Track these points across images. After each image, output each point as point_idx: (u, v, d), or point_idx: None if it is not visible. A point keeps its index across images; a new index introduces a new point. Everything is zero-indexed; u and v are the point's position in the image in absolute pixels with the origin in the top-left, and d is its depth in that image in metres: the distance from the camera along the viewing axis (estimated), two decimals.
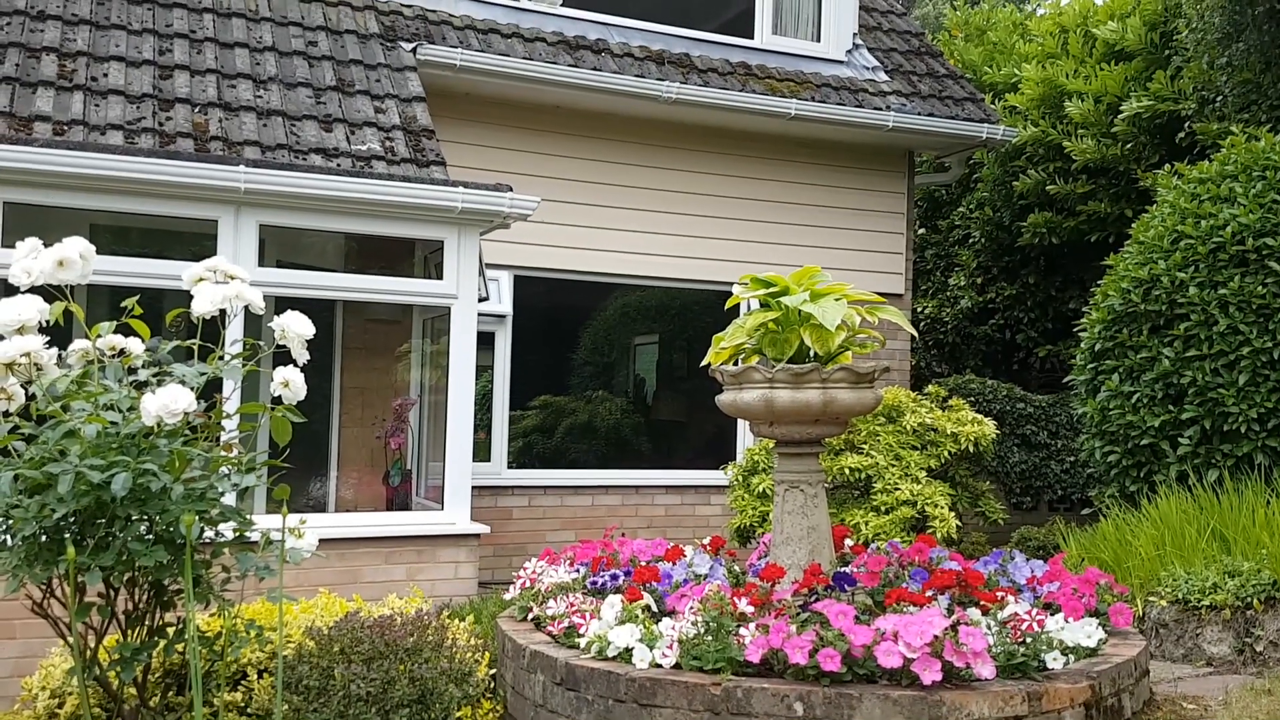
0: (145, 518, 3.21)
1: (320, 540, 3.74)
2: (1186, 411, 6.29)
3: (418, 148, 7.21)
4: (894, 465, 6.53)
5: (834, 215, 9.55)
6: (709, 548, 5.03)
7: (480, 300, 6.84)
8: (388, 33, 8.00)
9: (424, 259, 7.30)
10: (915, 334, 5.56)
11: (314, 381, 3.61)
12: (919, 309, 12.67)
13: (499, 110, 8.37)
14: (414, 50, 7.86)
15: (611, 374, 9.56)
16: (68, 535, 3.14)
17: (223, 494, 3.32)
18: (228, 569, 3.47)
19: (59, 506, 3.01)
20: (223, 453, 3.47)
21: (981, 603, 4.03)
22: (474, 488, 6.98)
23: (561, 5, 8.86)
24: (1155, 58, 10.37)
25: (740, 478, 7.12)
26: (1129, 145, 10.22)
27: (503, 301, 8.39)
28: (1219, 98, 9.25)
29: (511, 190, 6.60)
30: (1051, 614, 4.09)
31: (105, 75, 6.75)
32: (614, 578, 4.56)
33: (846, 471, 6.55)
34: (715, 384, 4.70)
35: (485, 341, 8.15)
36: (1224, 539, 5.50)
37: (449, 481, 6.52)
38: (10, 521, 3.13)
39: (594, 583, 4.59)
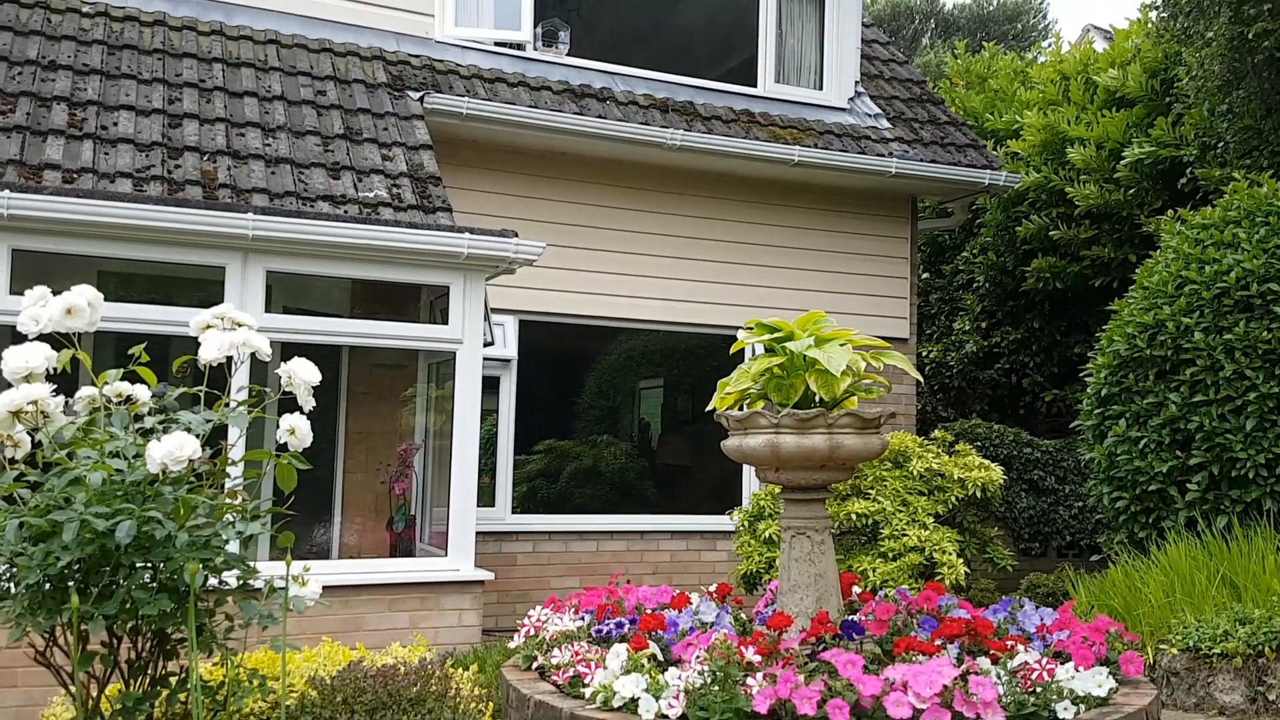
0: (149, 566, 3.19)
1: (324, 587, 3.72)
2: (1194, 457, 6.26)
3: (424, 194, 7.26)
4: (901, 511, 6.50)
5: (838, 260, 9.59)
6: (715, 595, 4.99)
7: (485, 345, 6.85)
8: (395, 82, 8.10)
9: (429, 303, 7.33)
10: (920, 379, 5.55)
11: (318, 426, 3.61)
12: (924, 353, 12.67)
13: (505, 157, 8.45)
14: (421, 99, 7.95)
15: (616, 418, 9.55)
16: (71, 583, 3.12)
17: (227, 542, 3.31)
18: (231, 617, 3.44)
19: (63, 554, 3.00)
20: (227, 500, 3.46)
21: (991, 651, 3.98)
22: (478, 533, 6.95)
23: (567, 55, 8.97)
24: (1156, 104, 10.45)
25: (746, 523, 7.08)
26: (1131, 191, 10.27)
27: (508, 346, 8.41)
28: (1220, 144, 9.31)
29: (517, 236, 6.64)
30: (1061, 663, 4.04)
31: (115, 124, 6.82)
32: (619, 626, 4.52)
33: (853, 517, 6.51)
34: (720, 428, 4.69)
35: (490, 386, 8.15)
36: (1234, 586, 5.45)
37: (453, 528, 6.49)
38: (14, 569, 3.11)
39: (599, 631, 4.55)
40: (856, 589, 5.03)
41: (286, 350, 5.74)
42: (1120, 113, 10.59)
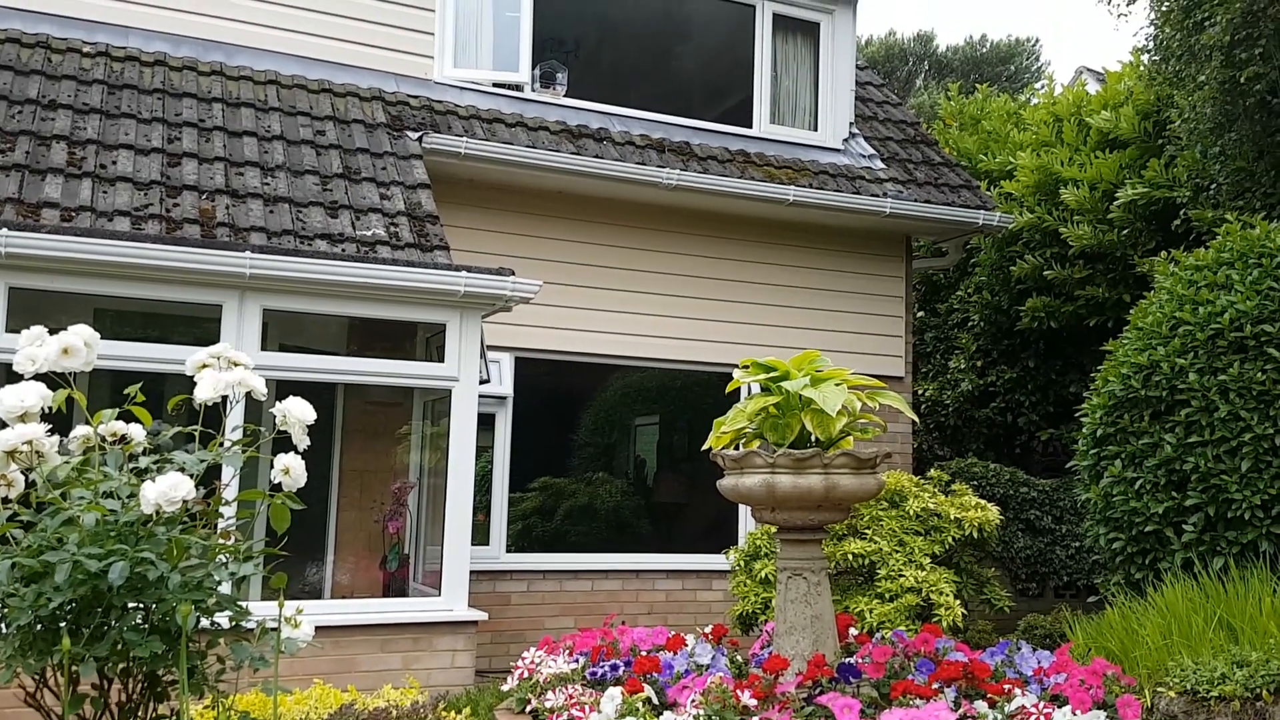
0: (141, 607, 3.17)
1: (316, 628, 3.69)
2: (1190, 498, 6.25)
3: (422, 233, 7.29)
4: (898, 551, 6.47)
5: (834, 298, 9.63)
6: (711, 636, 4.96)
7: (481, 382, 6.85)
8: (394, 122, 8.16)
9: (425, 340, 7.34)
10: (916, 419, 5.56)
11: (312, 464, 3.59)
12: (919, 391, 12.69)
13: (503, 195, 8.50)
14: (420, 139, 8.00)
15: (612, 455, 9.53)
16: (63, 625, 3.10)
17: (220, 583, 3.29)
18: (223, 659, 3.41)
19: (55, 595, 2.98)
20: (221, 540, 3.45)
21: (989, 695, 3.96)
22: (472, 572, 6.92)
23: (565, 95, 9.05)
24: (1149, 146, 10.54)
25: (742, 563, 7.05)
26: (1125, 231, 10.33)
27: (503, 383, 8.41)
28: (1213, 185, 9.38)
29: (514, 274, 6.66)
30: (1059, 706, 4.01)
31: (114, 162, 6.86)
32: (614, 668, 4.48)
33: (850, 557, 6.49)
34: (716, 466, 4.68)
35: (485, 422, 8.14)
36: (1231, 628, 5.42)
37: (447, 567, 6.45)
38: (6, 610, 3.09)
39: (594, 673, 4.51)
40: (853, 630, 5.00)
41: (282, 387, 5.73)
42: (1113, 154, 10.68)
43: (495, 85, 8.86)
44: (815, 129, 9.93)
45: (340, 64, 8.43)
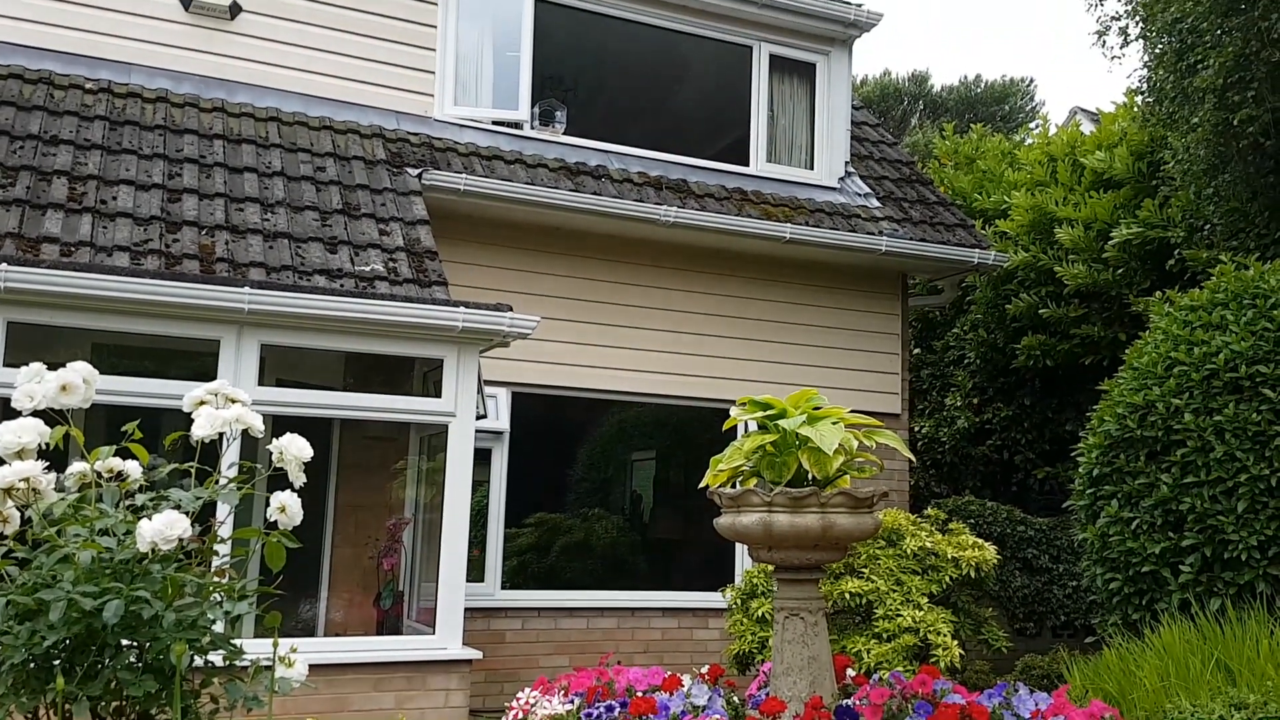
0: (135, 645, 3.15)
1: (309, 666, 3.67)
2: (1186, 538, 6.25)
3: (420, 268, 7.32)
4: (895, 590, 6.45)
5: (830, 335, 9.66)
6: (707, 677, 4.93)
7: (478, 418, 6.85)
8: (394, 159, 8.21)
9: (422, 376, 7.34)
10: (913, 458, 5.56)
11: (307, 500, 3.59)
12: (916, 429, 12.69)
13: (502, 231, 8.54)
14: (419, 175, 8.06)
15: (608, 491, 9.51)
16: (57, 663, 3.08)
17: (214, 622, 3.27)
18: (216, 699, 3.39)
19: (50, 634, 2.97)
20: (215, 579, 3.43)
21: None
22: (466, 609, 6.88)
23: (564, 133, 9.13)
24: (1143, 186, 10.62)
25: (739, 601, 7.02)
26: (1120, 270, 10.39)
27: (500, 418, 8.41)
28: (1207, 226, 9.45)
29: (511, 309, 6.68)
30: None
31: (114, 198, 6.89)
32: (610, 709, 4.45)
33: (847, 596, 6.46)
34: (712, 501, 4.68)
35: (482, 458, 8.13)
36: (1229, 670, 5.39)
37: (441, 605, 6.42)
38: (0, 648, 3.07)
39: (589, 714, 4.48)
40: (851, 671, 4.98)
41: (278, 422, 5.74)
42: (1108, 194, 10.76)
43: (495, 123, 8.94)
44: (812, 168, 10.01)
45: (342, 101, 8.50)
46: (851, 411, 4.59)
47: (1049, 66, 48.94)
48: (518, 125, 8.99)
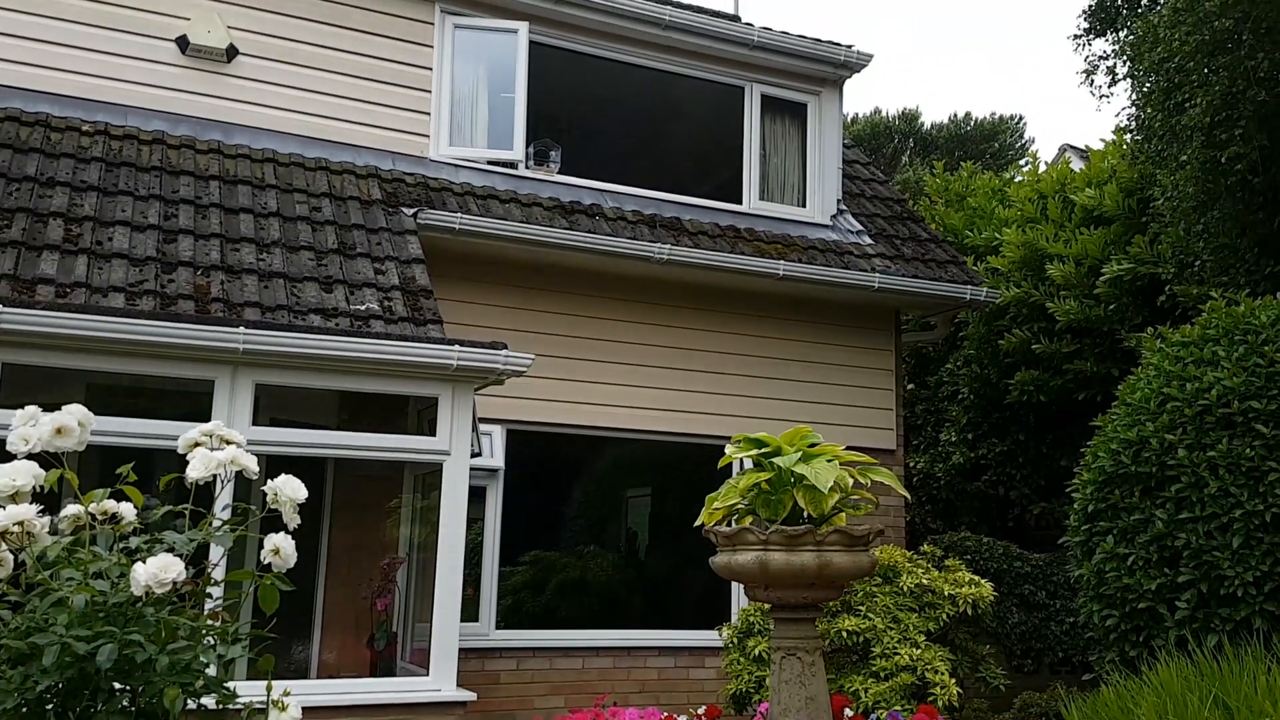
0: (129, 690, 3.13)
1: (302, 709, 3.64)
2: (1182, 574, 6.23)
3: (415, 307, 7.34)
4: (892, 628, 6.43)
5: (825, 371, 9.68)
6: (704, 717, 4.90)
7: (473, 456, 6.84)
8: (390, 199, 8.26)
9: (417, 414, 7.34)
10: (908, 496, 5.56)
11: (301, 540, 3.57)
12: (911, 464, 12.68)
13: (496, 269, 8.57)
14: (415, 215, 8.10)
15: (603, 528, 9.48)
16: (50, 707, 3.06)
17: (207, 665, 3.25)
18: None
19: (43, 678, 2.95)
20: (209, 621, 3.41)
21: None
22: (461, 650, 6.83)
23: (558, 173, 9.20)
24: (1133, 222, 10.71)
25: (735, 640, 6.99)
26: (1112, 306, 10.45)
27: (495, 456, 8.39)
28: (1197, 262, 9.51)
29: (506, 347, 6.70)
30: None
31: (110, 239, 6.91)
32: None
33: (844, 634, 6.44)
34: (708, 539, 4.67)
35: (476, 496, 8.11)
36: (1227, 707, 5.37)
37: (435, 646, 6.37)
38: None
39: None
40: (848, 711, 4.95)
41: (272, 461, 5.72)
42: (1098, 230, 10.84)
43: (490, 163, 9.00)
44: (804, 205, 10.08)
45: (338, 142, 8.56)
46: (847, 448, 4.60)
47: (1038, 104, 49.47)
48: (512, 165, 9.05)
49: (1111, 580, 6.58)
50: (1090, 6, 10.70)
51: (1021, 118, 28.18)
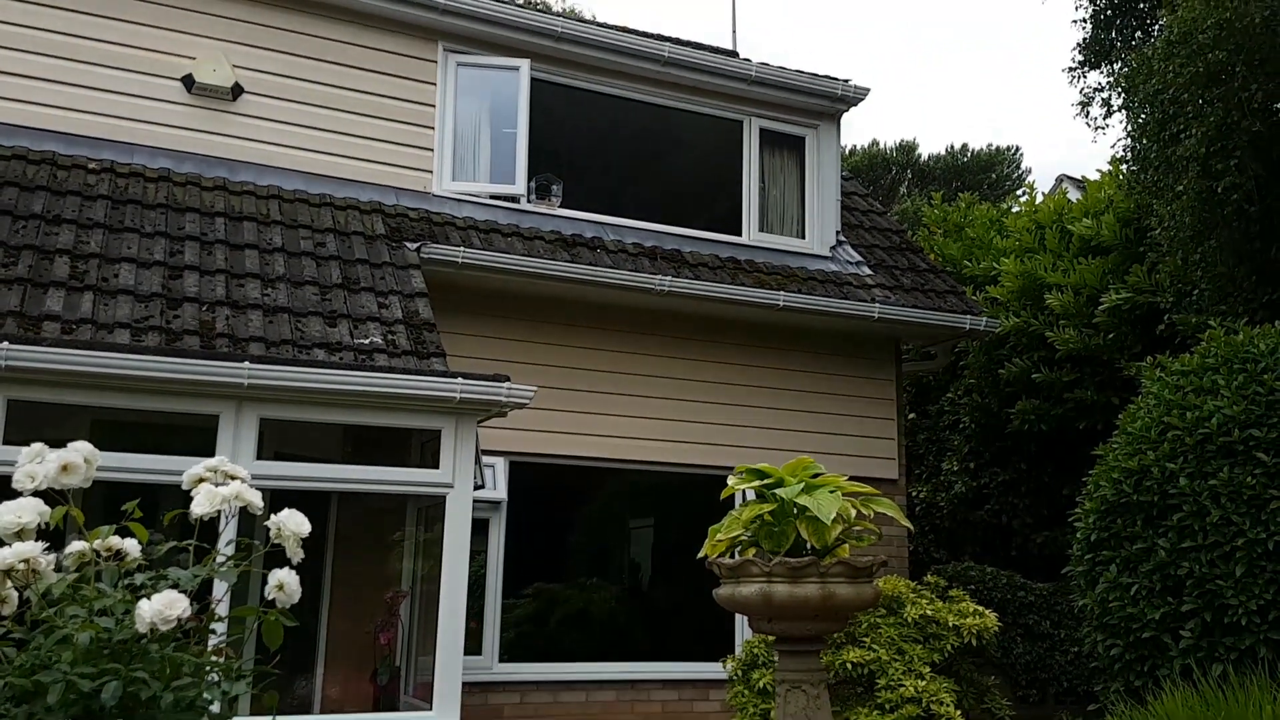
0: None
1: None
2: (1186, 603, 6.23)
3: (419, 340, 7.38)
4: (897, 659, 6.41)
5: (826, 401, 9.70)
6: None
7: (476, 488, 6.85)
8: (393, 233, 8.32)
9: (420, 446, 7.35)
10: (910, 527, 5.56)
11: (304, 573, 3.58)
12: (914, 494, 12.67)
13: (499, 302, 8.63)
14: (418, 249, 8.16)
15: (607, 559, 9.47)
16: None
17: (211, 702, 3.25)
18: None
19: (47, 716, 2.95)
20: (213, 658, 3.42)
21: None
22: (464, 683, 6.81)
23: (560, 206, 9.27)
24: (1131, 252, 10.76)
25: (739, 672, 6.97)
26: (1111, 335, 10.48)
27: (498, 488, 8.40)
28: (1195, 291, 9.55)
29: (509, 380, 6.72)
30: None
31: (116, 276, 6.96)
32: None
33: (849, 666, 6.43)
34: (711, 570, 4.67)
35: (479, 528, 8.11)
36: None
37: (439, 681, 6.35)
38: None
39: None
40: None
41: (275, 495, 5.74)
42: (1096, 260, 10.90)
43: (492, 197, 9.07)
44: (803, 236, 10.15)
45: (342, 179, 8.63)
46: (849, 478, 4.62)
47: (1034, 133, 49.76)
48: (515, 199, 9.13)
49: (1115, 610, 6.57)
50: (1085, 40, 10.83)
51: (1018, 149, 28.37)
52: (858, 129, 48.17)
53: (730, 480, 4.80)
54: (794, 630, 4.42)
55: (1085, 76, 10.84)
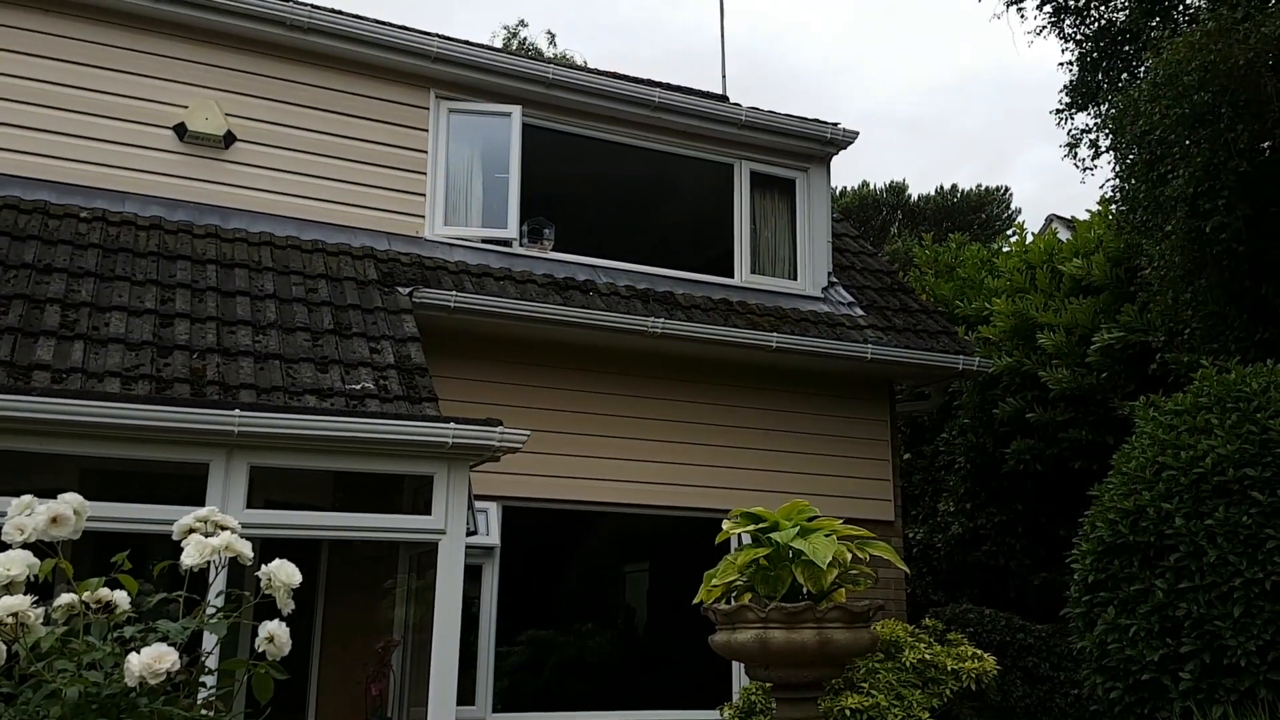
0: None
1: None
2: (1185, 645, 6.18)
3: (411, 385, 7.36)
4: (896, 705, 6.34)
5: (820, 442, 9.68)
6: None
7: (469, 534, 6.79)
8: (385, 278, 8.32)
9: (412, 492, 7.31)
10: (907, 570, 5.53)
11: (295, 621, 3.54)
12: (910, 535, 12.61)
13: (491, 346, 8.61)
14: (410, 294, 8.16)
15: (601, 604, 9.38)
16: None
17: None
18: None
19: None
20: (203, 711, 3.37)
21: None
22: None
23: (552, 250, 9.29)
24: (1122, 291, 10.81)
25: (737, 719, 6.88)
26: (1103, 375, 10.49)
27: (491, 533, 8.34)
28: (1187, 330, 9.58)
29: (502, 424, 6.69)
30: None
31: (107, 324, 6.93)
32: None
33: (847, 713, 6.35)
34: (706, 616, 4.62)
35: (472, 574, 8.03)
36: None
37: None
38: None
39: None
40: None
41: (266, 543, 5.68)
42: (1087, 299, 10.95)
43: (485, 241, 9.10)
44: (795, 278, 10.19)
45: (334, 225, 8.65)
46: (845, 520, 4.59)
47: (1023, 174, 50.22)
48: (507, 243, 9.15)
49: (1114, 652, 6.51)
50: (1072, 82, 10.96)
51: (1007, 189, 28.60)
52: (847, 171, 48.60)
53: (725, 524, 4.77)
54: (791, 676, 4.37)
55: (1073, 118, 10.97)
